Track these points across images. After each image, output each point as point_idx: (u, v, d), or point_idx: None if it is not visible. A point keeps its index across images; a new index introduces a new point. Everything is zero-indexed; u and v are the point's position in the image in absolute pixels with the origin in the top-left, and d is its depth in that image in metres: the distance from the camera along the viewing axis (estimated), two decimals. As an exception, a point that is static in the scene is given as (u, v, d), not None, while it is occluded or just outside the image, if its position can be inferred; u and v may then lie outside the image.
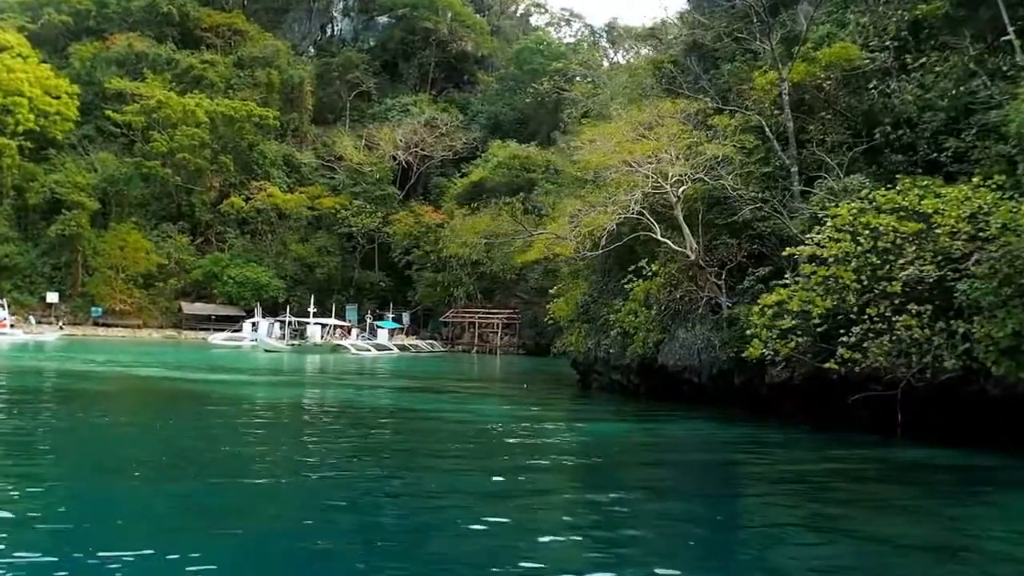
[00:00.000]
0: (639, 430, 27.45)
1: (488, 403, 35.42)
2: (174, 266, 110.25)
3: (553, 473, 19.27)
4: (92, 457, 18.54)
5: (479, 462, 19.83)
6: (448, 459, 20.32)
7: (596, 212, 32.19)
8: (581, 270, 42.50)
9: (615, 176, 31.90)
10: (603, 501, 15.99)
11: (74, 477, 16.36)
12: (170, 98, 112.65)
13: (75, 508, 13.59)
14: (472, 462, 20.00)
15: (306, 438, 22.92)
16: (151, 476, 16.29)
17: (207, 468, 17.22)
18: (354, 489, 16.01)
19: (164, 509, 14.02)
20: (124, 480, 15.84)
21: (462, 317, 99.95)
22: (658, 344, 33.92)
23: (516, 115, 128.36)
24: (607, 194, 31.41)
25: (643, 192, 30.64)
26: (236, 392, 35.77)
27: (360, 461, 19.44)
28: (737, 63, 35.51)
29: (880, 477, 20.41)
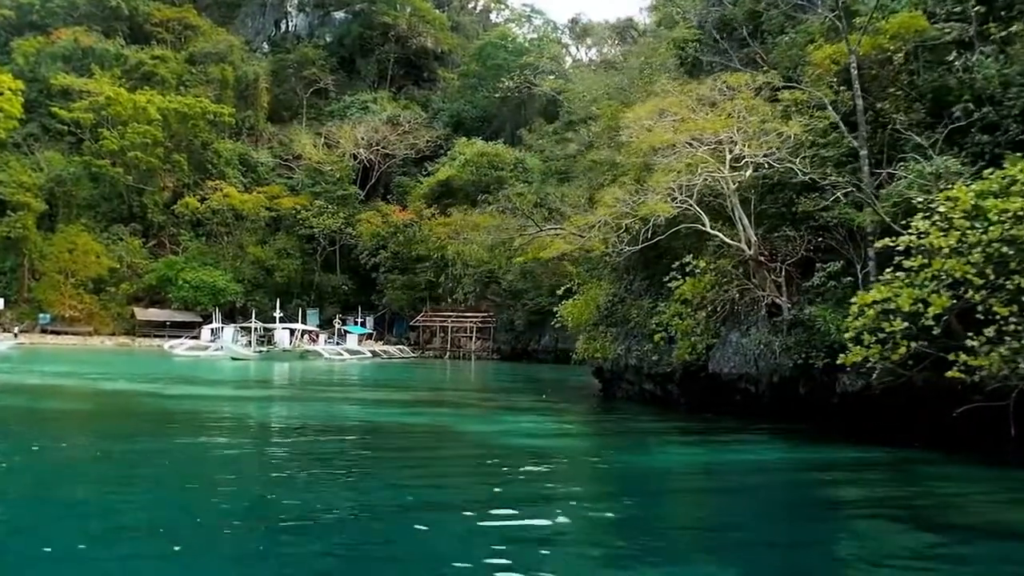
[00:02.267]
0: (712, 456, 23.59)
1: (515, 418, 31.68)
2: (126, 270, 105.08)
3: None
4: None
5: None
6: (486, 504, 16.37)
7: (647, 200, 28.60)
8: (597, 268, 38.92)
9: (667, 160, 28.33)
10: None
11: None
12: (120, 94, 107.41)
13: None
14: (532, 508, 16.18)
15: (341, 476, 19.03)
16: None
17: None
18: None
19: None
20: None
21: (432, 321, 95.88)
22: (707, 350, 30.40)
23: (479, 113, 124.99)
24: (666, 179, 27.77)
25: (706, 175, 27.12)
26: (235, 411, 31.61)
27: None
28: (791, 35, 32.12)
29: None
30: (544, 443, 24.76)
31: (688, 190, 29.42)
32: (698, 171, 28.03)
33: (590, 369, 40.92)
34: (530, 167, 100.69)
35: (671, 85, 30.05)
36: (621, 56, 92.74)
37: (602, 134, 38.10)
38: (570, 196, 41.69)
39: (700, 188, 28.48)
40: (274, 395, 40.50)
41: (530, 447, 24.01)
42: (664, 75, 38.21)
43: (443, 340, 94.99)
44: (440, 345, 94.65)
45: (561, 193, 42.03)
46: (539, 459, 21.41)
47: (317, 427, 27.02)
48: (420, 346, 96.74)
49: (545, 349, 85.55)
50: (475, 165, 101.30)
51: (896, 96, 29.00)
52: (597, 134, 39.30)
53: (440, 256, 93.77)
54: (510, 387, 51.04)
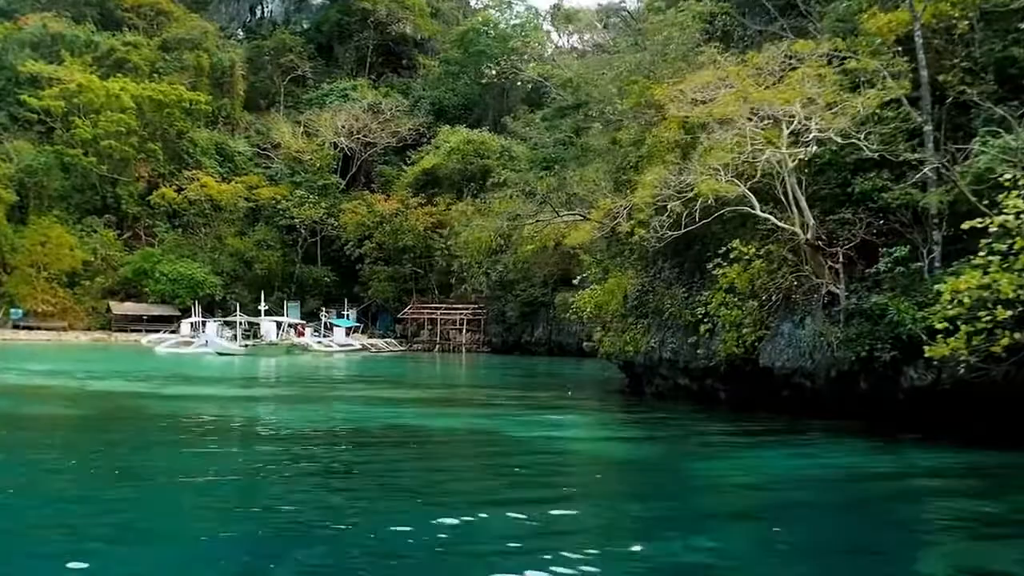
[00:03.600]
0: (797, 462, 21.13)
1: (555, 418, 29.32)
2: (100, 263, 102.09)
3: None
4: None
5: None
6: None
7: (693, 179, 26.34)
8: (622, 256, 36.60)
9: (720, 136, 26.05)
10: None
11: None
12: (92, 82, 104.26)
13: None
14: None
15: (411, 496, 16.68)
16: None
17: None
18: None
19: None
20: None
21: (420, 313, 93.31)
22: (757, 342, 28.22)
23: (460, 100, 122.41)
24: (726, 156, 25.48)
25: (771, 152, 24.87)
26: (247, 415, 28.82)
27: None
28: (845, 2, 29.88)
29: None
30: (606, 450, 22.33)
31: (740, 169, 27.23)
32: (752, 147, 25.79)
33: (617, 363, 38.28)
34: (516, 155, 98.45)
35: (723, 57, 27.74)
36: (611, 41, 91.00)
37: (628, 112, 35.73)
38: (587, 179, 39.25)
39: (755, 166, 26.26)
40: (280, 395, 37.65)
41: (595, 455, 21.59)
42: (691, 49, 35.96)
43: (431, 333, 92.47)
44: (428, 338, 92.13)
45: (579, 176, 39.52)
46: (618, 472, 19.11)
47: (351, 434, 24.40)
48: (407, 339, 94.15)
49: (539, 341, 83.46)
50: (461, 153, 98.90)
51: (960, 68, 26.91)
52: (623, 112, 36.92)
53: (445, 247, 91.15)
54: (525, 383, 48.55)
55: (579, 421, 28.61)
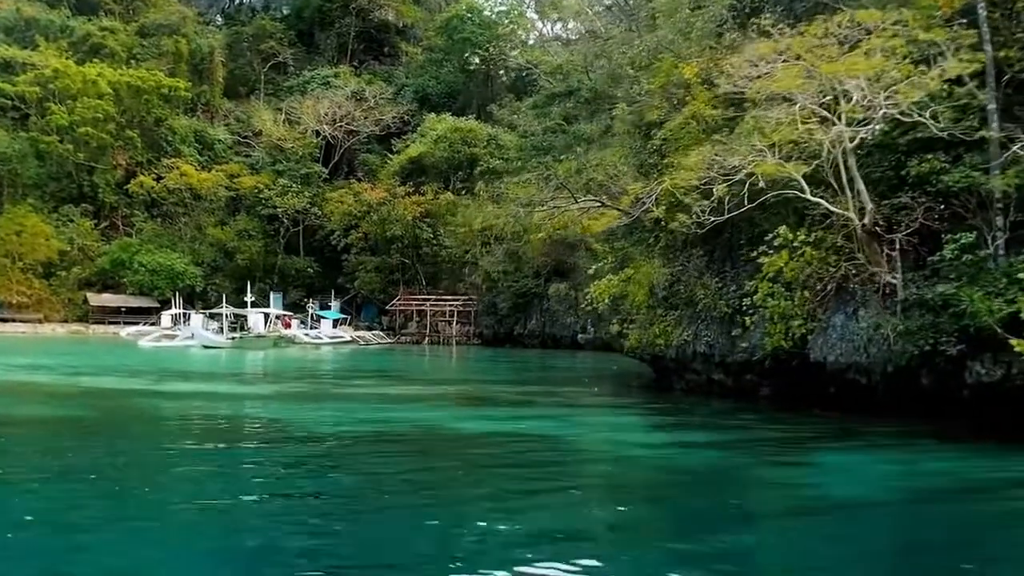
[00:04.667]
0: (893, 468, 19.04)
1: (596, 419, 27.45)
2: (77, 253, 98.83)
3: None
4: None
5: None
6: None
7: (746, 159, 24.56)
8: (648, 245, 34.76)
9: (777, 113, 24.24)
10: None
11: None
12: (68, 67, 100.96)
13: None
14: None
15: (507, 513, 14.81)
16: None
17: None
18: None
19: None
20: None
21: (409, 304, 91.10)
22: (807, 336, 26.48)
23: (444, 88, 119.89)
24: (789, 134, 23.68)
25: (837, 130, 23.09)
26: (264, 415, 26.72)
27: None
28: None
29: None
30: (675, 459, 20.38)
31: (785, 149, 25.50)
32: (806, 125, 24.03)
33: (644, 357, 36.32)
34: (504, 143, 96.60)
35: (775, 29, 25.85)
36: (602, 27, 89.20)
37: (657, 92, 33.84)
38: (607, 164, 37.29)
39: (806, 147, 24.53)
40: (288, 392, 35.16)
41: (665, 465, 19.75)
42: (720, 26, 34.19)
43: (420, 325, 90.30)
44: (417, 330, 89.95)
45: (598, 160, 37.47)
46: (704, 486, 17.26)
47: (388, 438, 22.41)
48: (394, 331, 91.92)
49: (532, 334, 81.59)
50: (448, 141, 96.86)
51: (1022, 44, 25.25)
52: (649, 92, 35.01)
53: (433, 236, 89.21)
54: (539, 377, 46.53)
55: (625, 423, 26.60)
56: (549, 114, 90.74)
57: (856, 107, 23.10)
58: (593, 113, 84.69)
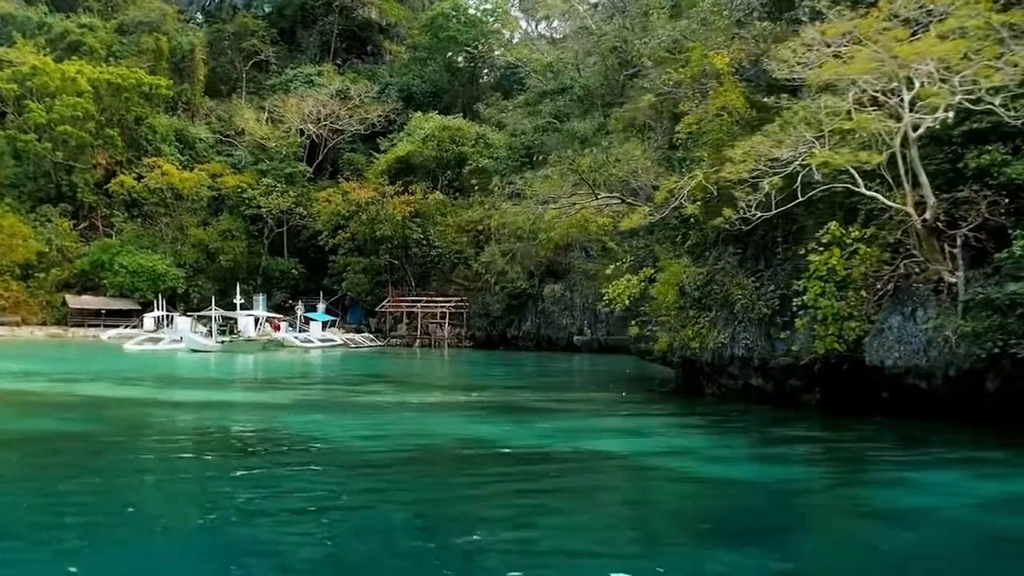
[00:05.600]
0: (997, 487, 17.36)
1: (637, 426, 25.76)
2: (56, 254, 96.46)
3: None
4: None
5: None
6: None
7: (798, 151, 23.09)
8: (675, 244, 33.22)
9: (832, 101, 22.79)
10: None
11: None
12: (46, 64, 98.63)
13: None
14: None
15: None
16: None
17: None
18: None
19: None
20: None
21: (399, 306, 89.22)
22: (860, 338, 25.03)
23: (429, 87, 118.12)
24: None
25: (910, 117, 21.66)
26: (294, 428, 24.59)
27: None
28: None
29: None
30: (750, 476, 18.73)
31: (833, 140, 24.08)
32: (862, 114, 22.61)
33: (676, 360, 34.45)
34: (493, 142, 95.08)
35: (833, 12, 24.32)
36: (593, 24, 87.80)
37: (687, 82, 32.33)
38: (628, 157, 35.66)
39: (862, 137, 23.11)
40: (303, 401, 32.88)
41: (742, 485, 18.13)
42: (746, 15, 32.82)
43: (410, 327, 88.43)
44: (407, 332, 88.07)
45: (619, 154, 35.79)
46: (804, 513, 15.63)
47: (440, 456, 20.58)
48: (383, 333, 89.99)
49: (526, 336, 79.96)
50: (436, 140, 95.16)
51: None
52: (678, 82, 33.46)
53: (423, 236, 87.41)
54: (561, 383, 44.53)
55: (682, 436, 24.59)
56: (539, 112, 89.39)
57: (930, 92, 21.66)
58: (586, 111, 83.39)
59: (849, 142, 24.44)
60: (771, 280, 29.11)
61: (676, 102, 36.74)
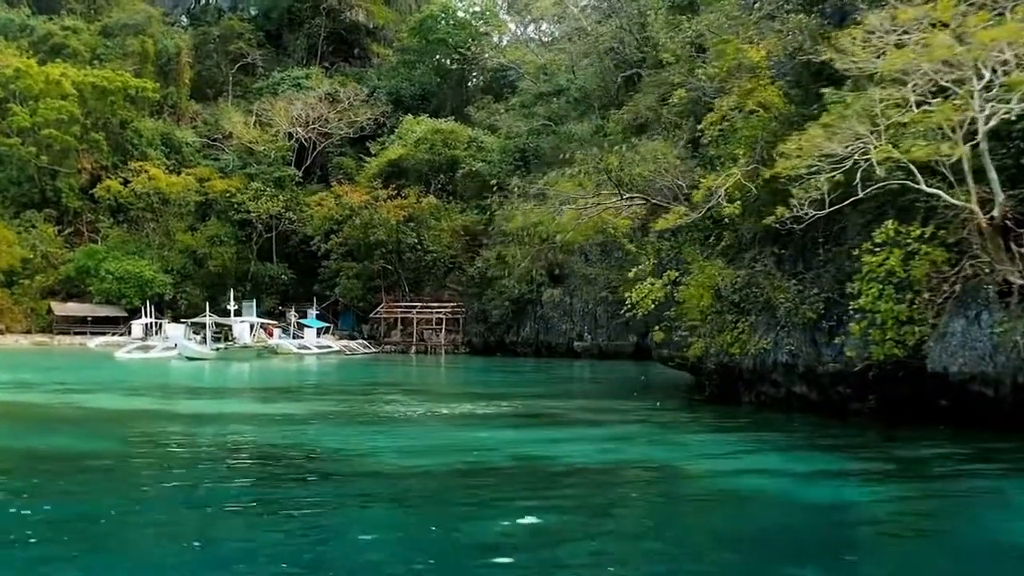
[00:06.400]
0: None
1: (701, 439, 24.22)
2: (40, 260, 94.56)
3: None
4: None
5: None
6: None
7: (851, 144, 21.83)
8: (706, 245, 31.88)
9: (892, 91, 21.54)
10: None
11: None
12: (30, 67, 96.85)
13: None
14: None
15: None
16: None
17: None
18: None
19: None
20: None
21: (393, 312, 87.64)
22: (920, 343, 23.72)
23: (417, 90, 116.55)
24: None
25: (991, 107, 20.41)
26: (336, 443, 22.88)
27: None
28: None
29: None
30: (836, 495, 17.28)
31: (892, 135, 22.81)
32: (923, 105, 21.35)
33: (708, 367, 32.81)
34: (485, 145, 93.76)
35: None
36: (588, 25, 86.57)
37: (722, 75, 30.98)
38: (652, 155, 34.21)
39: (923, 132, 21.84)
40: (321, 412, 30.86)
41: (835, 504, 16.60)
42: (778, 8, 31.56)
43: (404, 333, 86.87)
44: (401, 338, 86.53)
45: (644, 152, 34.29)
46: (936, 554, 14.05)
47: (498, 474, 18.87)
48: (376, 340, 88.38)
49: (525, 341, 78.47)
50: (429, 143, 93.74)
51: None
52: (711, 76, 32.12)
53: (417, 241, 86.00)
54: (580, 391, 42.68)
55: (743, 450, 22.82)
56: (534, 115, 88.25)
57: (1017, 80, 20.41)
58: (583, 113, 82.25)
59: (905, 136, 23.18)
60: (814, 283, 27.83)
61: (699, 99, 35.49)
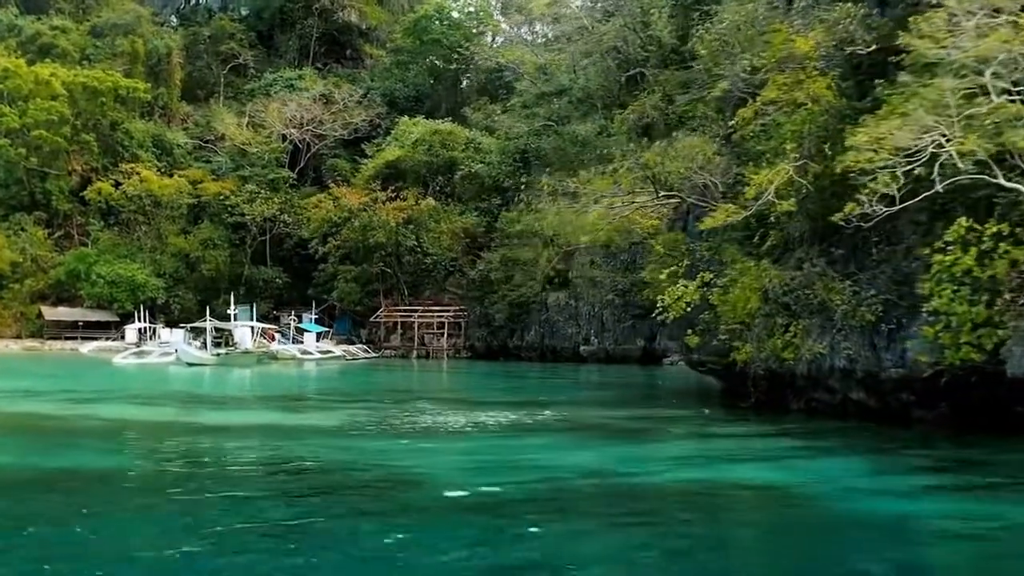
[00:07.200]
0: None
1: (768, 450, 22.75)
2: (30, 264, 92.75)
3: None
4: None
5: None
6: None
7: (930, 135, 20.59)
8: (743, 244, 30.60)
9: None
10: None
11: None
12: (19, 66, 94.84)
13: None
14: None
15: None
16: None
17: None
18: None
19: None
20: None
21: (393, 316, 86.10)
22: (997, 347, 22.46)
23: (411, 92, 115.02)
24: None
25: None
26: (390, 461, 20.98)
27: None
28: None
29: None
30: (936, 514, 15.89)
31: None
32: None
33: (757, 373, 31.14)
34: (484, 146, 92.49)
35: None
36: (589, 24, 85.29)
37: (770, 66, 29.68)
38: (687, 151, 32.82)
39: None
40: (353, 424, 28.59)
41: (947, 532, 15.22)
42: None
43: (404, 337, 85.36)
44: (401, 343, 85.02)
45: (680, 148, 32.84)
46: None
47: (578, 495, 17.40)
48: (376, 344, 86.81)
49: (530, 346, 76.93)
50: (427, 144, 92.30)
51: None
52: (760, 67, 30.76)
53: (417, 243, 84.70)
54: (613, 398, 40.46)
55: (814, 461, 21.46)
56: (535, 115, 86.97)
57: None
58: (585, 113, 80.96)
59: (976, 128, 21.96)
60: (870, 283, 26.55)
61: (730, 93, 34.24)
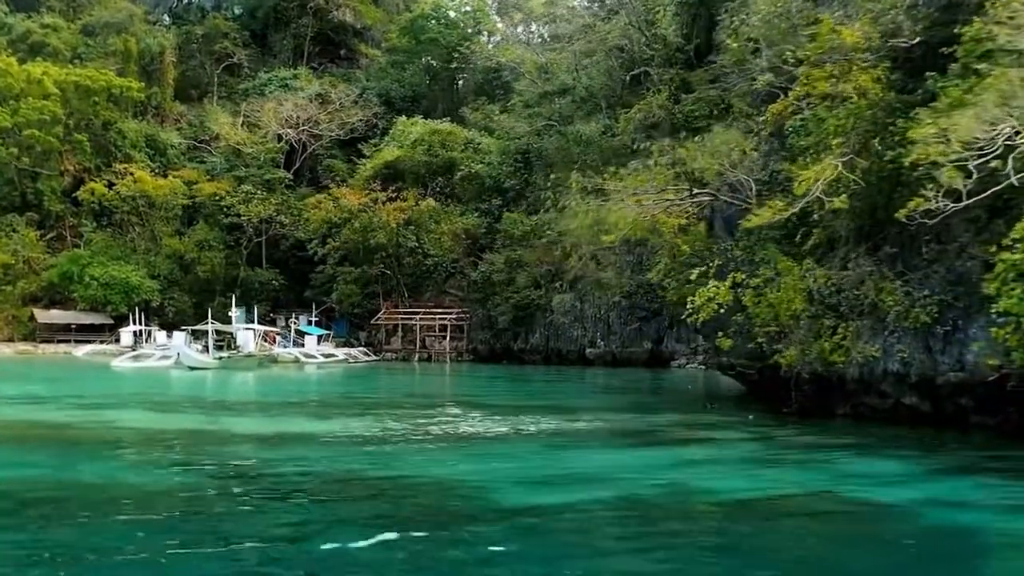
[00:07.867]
0: None
1: (830, 462, 21.42)
2: (22, 266, 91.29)
3: None
4: None
5: None
6: None
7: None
8: (784, 242, 29.54)
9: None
10: None
11: None
12: (11, 65, 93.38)
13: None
14: None
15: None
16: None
17: None
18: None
19: None
20: None
21: (394, 318, 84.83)
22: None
23: (407, 92, 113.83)
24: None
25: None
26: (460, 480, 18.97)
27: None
28: None
29: None
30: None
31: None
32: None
33: (802, 376, 29.68)
34: (483, 146, 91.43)
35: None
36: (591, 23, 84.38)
37: (815, 58, 28.63)
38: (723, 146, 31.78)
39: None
40: (388, 430, 26.70)
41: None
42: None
43: (405, 340, 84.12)
44: (402, 346, 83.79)
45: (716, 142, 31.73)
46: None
47: (664, 515, 15.86)
48: (376, 347, 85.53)
49: (535, 349, 75.62)
50: (426, 145, 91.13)
51: None
52: (804, 58, 29.67)
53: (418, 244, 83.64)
54: (642, 403, 38.53)
55: (903, 474, 19.95)
56: (537, 115, 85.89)
57: None
58: (589, 113, 79.93)
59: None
60: (923, 283, 25.50)
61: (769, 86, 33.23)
